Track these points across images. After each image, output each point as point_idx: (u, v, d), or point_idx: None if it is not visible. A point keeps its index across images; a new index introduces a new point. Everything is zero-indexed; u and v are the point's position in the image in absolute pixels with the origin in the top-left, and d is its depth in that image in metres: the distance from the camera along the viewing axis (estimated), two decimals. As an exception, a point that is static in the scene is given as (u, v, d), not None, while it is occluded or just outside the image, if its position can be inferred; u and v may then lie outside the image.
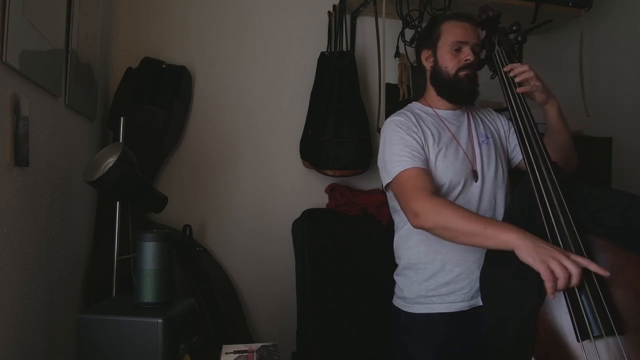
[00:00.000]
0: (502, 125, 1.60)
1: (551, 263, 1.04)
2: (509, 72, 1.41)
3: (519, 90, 1.37)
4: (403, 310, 1.47)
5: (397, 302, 1.52)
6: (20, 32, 1.08)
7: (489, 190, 1.44)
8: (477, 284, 1.36)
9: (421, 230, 1.34)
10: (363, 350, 2.05)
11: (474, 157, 1.46)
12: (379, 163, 1.49)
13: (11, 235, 1.09)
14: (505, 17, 1.53)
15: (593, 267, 1.04)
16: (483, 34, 1.54)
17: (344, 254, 2.14)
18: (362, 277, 2.13)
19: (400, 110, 1.53)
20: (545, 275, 1.03)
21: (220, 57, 2.24)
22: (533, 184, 1.23)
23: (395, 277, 1.54)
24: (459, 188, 1.41)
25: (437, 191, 1.37)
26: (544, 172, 1.23)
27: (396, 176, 1.39)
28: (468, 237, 1.22)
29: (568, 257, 1.05)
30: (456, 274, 1.40)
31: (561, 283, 1.03)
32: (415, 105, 1.55)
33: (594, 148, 2.25)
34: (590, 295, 1.05)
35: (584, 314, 1.03)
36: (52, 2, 1.32)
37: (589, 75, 2.45)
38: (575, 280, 1.03)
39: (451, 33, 1.46)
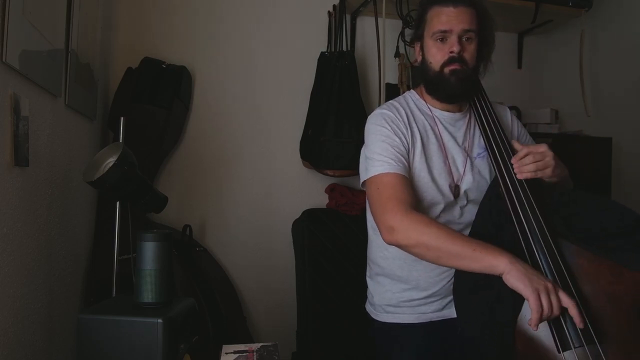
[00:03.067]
0: (515, 133, 1.43)
1: (541, 293, 0.99)
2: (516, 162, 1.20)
3: (520, 176, 1.18)
4: (373, 318, 1.42)
5: (368, 307, 1.47)
6: (20, 32, 1.08)
7: (471, 211, 1.31)
8: (450, 298, 1.31)
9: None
10: (363, 350, 2.05)
11: (462, 173, 1.32)
12: (360, 157, 1.35)
13: (11, 235, 1.09)
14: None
15: (574, 312, 1.00)
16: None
17: (344, 254, 2.14)
18: (362, 277, 2.13)
19: (392, 102, 1.36)
20: (534, 306, 0.98)
21: (220, 57, 2.24)
22: (503, 189, 1.19)
23: (368, 280, 1.47)
24: (439, 206, 1.29)
25: (415, 204, 1.22)
26: (515, 177, 1.19)
27: (373, 177, 1.24)
28: (452, 259, 1.10)
29: (557, 294, 1.01)
30: (430, 292, 1.33)
31: (545, 316, 0.99)
32: (411, 96, 1.38)
33: (594, 148, 2.24)
34: None
35: (564, 326, 1.02)
36: (52, 2, 1.32)
37: (589, 75, 2.45)
38: (573, 312, 1.00)
39: (434, 21, 1.26)
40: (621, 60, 2.35)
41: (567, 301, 1.00)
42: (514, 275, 1.01)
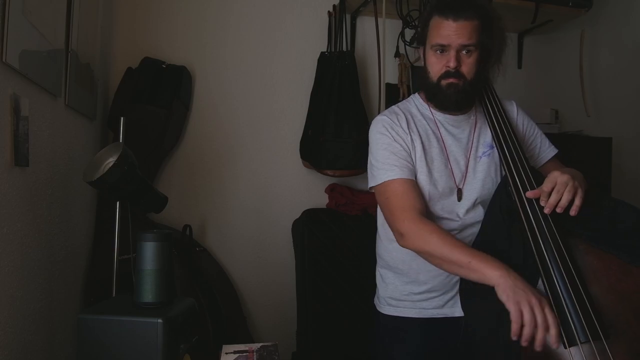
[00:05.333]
0: (521, 128, 1.42)
1: (523, 306, 1.01)
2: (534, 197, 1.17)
3: (548, 211, 1.15)
4: (378, 311, 1.46)
5: (375, 300, 1.52)
6: (20, 32, 1.08)
7: (475, 211, 1.34)
8: (450, 296, 1.35)
9: None
10: (363, 350, 2.05)
11: (465, 174, 1.34)
12: (368, 163, 1.40)
13: (11, 235, 1.09)
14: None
15: (553, 331, 1.00)
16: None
17: (344, 254, 2.14)
18: (362, 277, 2.13)
19: (393, 107, 1.39)
20: (513, 317, 1.01)
21: (220, 57, 2.24)
22: (512, 187, 1.21)
23: (376, 273, 1.52)
24: (439, 207, 1.32)
25: (424, 207, 1.28)
26: (523, 175, 1.21)
27: (382, 185, 1.30)
28: (451, 267, 1.17)
29: (542, 309, 1.01)
30: (430, 286, 1.36)
31: (527, 330, 1.00)
32: (415, 100, 1.40)
33: (594, 148, 2.25)
34: (575, 301, 1.04)
35: (570, 320, 1.02)
36: (52, 2, 1.32)
37: (589, 75, 2.45)
38: (553, 332, 1.00)
39: (434, 32, 1.26)
40: (621, 60, 2.35)
41: (551, 320, 1.01)
42: (501, 288, 1.05)
